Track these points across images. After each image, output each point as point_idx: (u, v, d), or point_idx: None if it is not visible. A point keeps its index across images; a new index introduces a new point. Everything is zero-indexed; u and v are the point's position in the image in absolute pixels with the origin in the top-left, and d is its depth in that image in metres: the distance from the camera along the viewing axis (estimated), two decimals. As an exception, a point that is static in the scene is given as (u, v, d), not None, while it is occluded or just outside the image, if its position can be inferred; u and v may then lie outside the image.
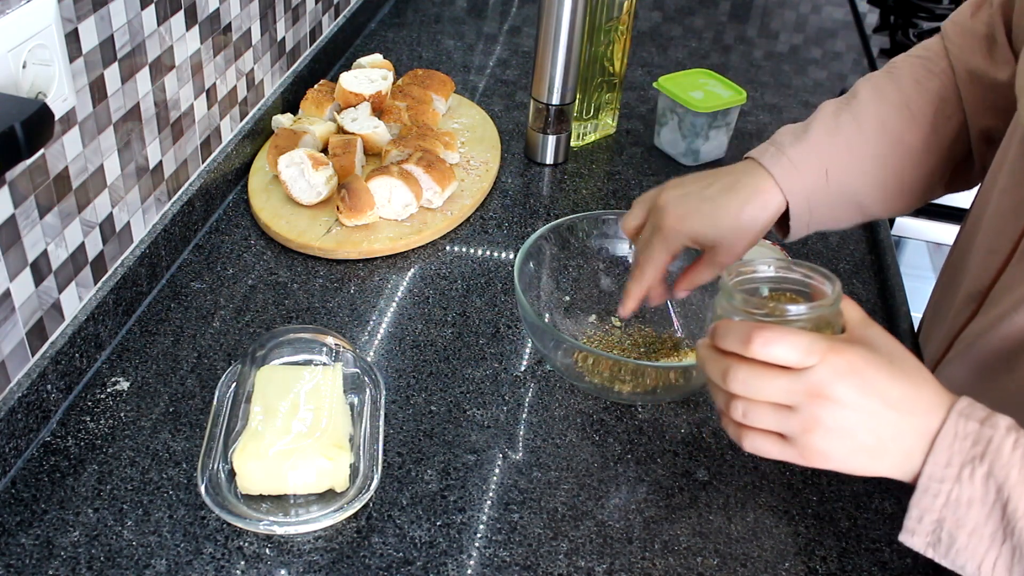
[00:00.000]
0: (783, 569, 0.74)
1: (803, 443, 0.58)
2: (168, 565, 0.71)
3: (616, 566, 0.74)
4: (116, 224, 0.91)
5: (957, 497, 0.57)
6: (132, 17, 0.87)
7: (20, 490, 0.76)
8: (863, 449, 0.58)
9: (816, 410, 0.56)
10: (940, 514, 0.58)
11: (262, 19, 1.17)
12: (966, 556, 0.58)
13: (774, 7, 1.85)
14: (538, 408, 0.87)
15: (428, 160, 1.09)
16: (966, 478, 0.56)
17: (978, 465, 0.56)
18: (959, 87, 0.82)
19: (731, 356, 0.58)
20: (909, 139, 0.82)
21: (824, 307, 0.59)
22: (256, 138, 1.18)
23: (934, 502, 0.58)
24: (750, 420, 0.59)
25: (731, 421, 0.60)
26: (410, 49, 1.54)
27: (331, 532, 0.74)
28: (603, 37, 1.21)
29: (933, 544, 0.59)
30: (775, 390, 0.57)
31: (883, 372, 0.57)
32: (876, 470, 0.59)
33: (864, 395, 0.56)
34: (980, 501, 0.56)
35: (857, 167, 0.82)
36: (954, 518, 0.57)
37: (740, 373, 0.57)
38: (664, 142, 1.29)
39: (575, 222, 0.95)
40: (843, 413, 0.56)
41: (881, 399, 0.56)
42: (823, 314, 0.59)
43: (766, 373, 0.57)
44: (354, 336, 0.94)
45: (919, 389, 0.58)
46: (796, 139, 0.81)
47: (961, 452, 0.56)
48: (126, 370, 0.88)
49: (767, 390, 0.57)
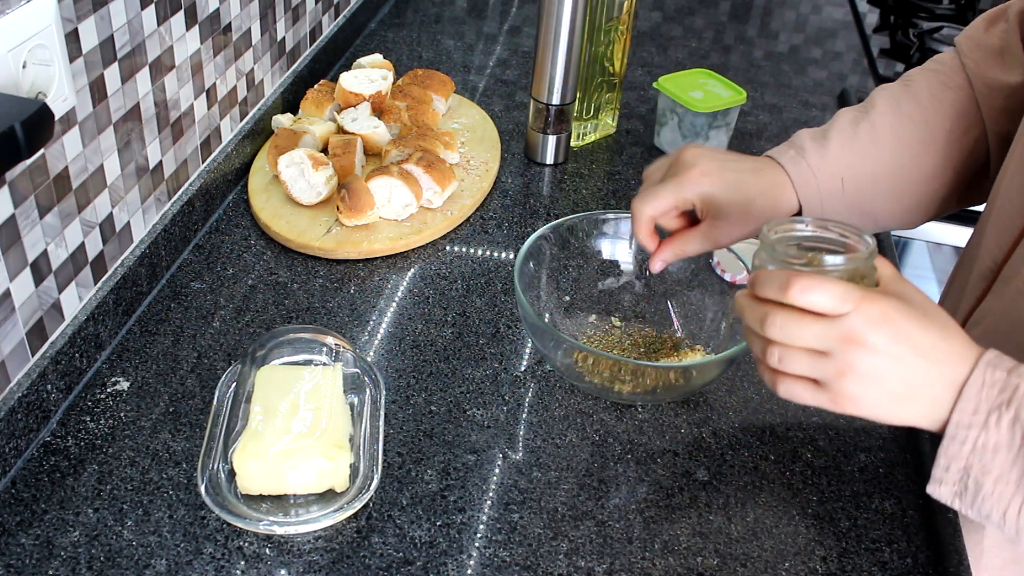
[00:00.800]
0: (783, 569, 0.74)
1: (836, 388, 0.60)
2: (168, 565, 0.71)
3: (616, 566, 0.74)
4: (116, 224, 0.91)
5: (984, 443, 0.58)
6: (132, 17, 0.87)
7: (20, 490, 0.76)
8: (893, 396, 0.59)
9: (849, 356, 0.58)
10: (967, 461, 0.59)
11: (262, 19, 1.17)
12: (992, 503, 0.59)
13: (774, 7, 1.85)
14: (538, 408, 0.87)
15: (428, 160, 1.09)
16: (992, 424, 0.58)
17: (1004, 411, 0.57)
18: (978, 99, 0.83)
19: (769, 304, 0.60)
20: (925, 154, 0.83)
21: (859, 259, 0.61)
22: (256, 138, 1.18)
23: (961, 449, 0.59)
24: (785, 366, 0.61)
25: (767, 368, 0.62)
26: (410, 49, 1.54)
27: (331, 532, 0.74)
28: (603, 37, 1.21)
29: (960, 493, 0.60)
30: (811, 336, 0.59)
31: (914, 322, 0.58)
32: (904, 417, 0.61)
33: (896, 343, 0.58)
34: (1006, 447, 0.58)
35: (872, 180, 0.83)
36: (980, 465, 0.59)
37: (777, 319, 0.59)
38: (664, 142, 1.29)
39: (575, 222, 0.95)
40: (875, 359, 0.58)
41: (912, 347, 0.58)
42: (858, 267, 0.61)
43: (802, 319, 0.59)
44: (354, 336, 0.94)
45: (949, 340, 0.59)
46: (815, 145, 0.82)
47: (988, 399, 0.58)
48: (126, 370, 0.88)
49: (803, 336, 0.59)
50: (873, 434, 0.87)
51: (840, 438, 0.86)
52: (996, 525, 0.61)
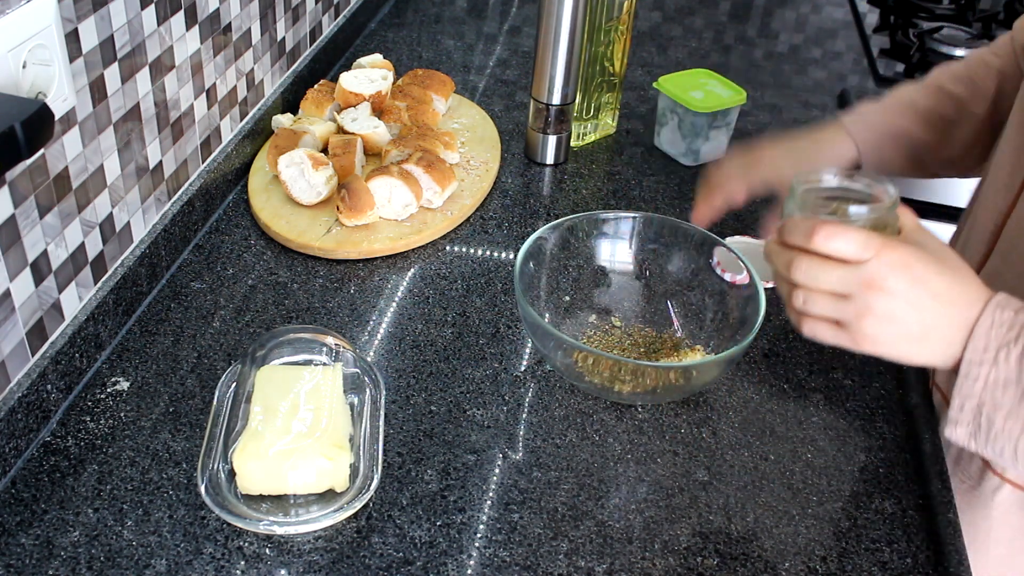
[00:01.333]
0: (783, 569, 0.74)
1: (856, 328, 0.64)
2: (168, 565, 0.71)
3: (616, 566, 0.74)
4: (116, 224, 0.91)
5: (995, 379, 0.62)
6: (132, 17, 0.87)
7: (20, 490, 0.76)
8: (909, 336, 0.64)
9: (869, 298, 0.62)
10: (979, 399, 0.63)
11: (262, 19, 1.17)
12: (1003, 439, 0.63)
13: (774, 7, 1.85)
14: (538, 408, 0.87)
15: (428, 160, 1.09)
16: (1002, 360, 0.62)
17: (1012, 347, 0.62)
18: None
19: (796, 250, 0.65)
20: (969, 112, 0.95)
21: (882, 209, 0.66)
22: (256, 138, 1.18)
23: (973, 387, 0.63)
24: (809, 308, 0.65)
25: (793, 309, 0.67)
26: (410, 49, 1.54)
27: (331, 532, 0.74)
28: (603, 37, 1.21)
29: (974, 433, 0.64)
30: (834, 279, 0.63)
31: (931, 268, 0.63)
32: (920, 357, 0.65)
33: (913, 287, 0.62)
34: (1015, 382, 0.61)
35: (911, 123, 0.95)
36: (992, 401, 0.62)
37: (803, 264, 0.64)
38: (664, 142, 1.29)
39: (575, 222, 0.95)
40: (893, 302, 0.62)
41: (928, 291, 0.62)
42: (881, 216, 0.66)
43: (826, 264, 0.63)
44: (354, 336, 0.94)
45: (963, 284, 0.64)
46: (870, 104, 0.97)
47: (997, 337, 0.62)
48: (126, 370, 0.88)
49: (826, 280, 0.64)
50: (873, 434, 0.87)
51: (840, 438, 0.86)
52: (1009, 462, 0.64)
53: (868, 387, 0.92)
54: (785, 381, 0.92)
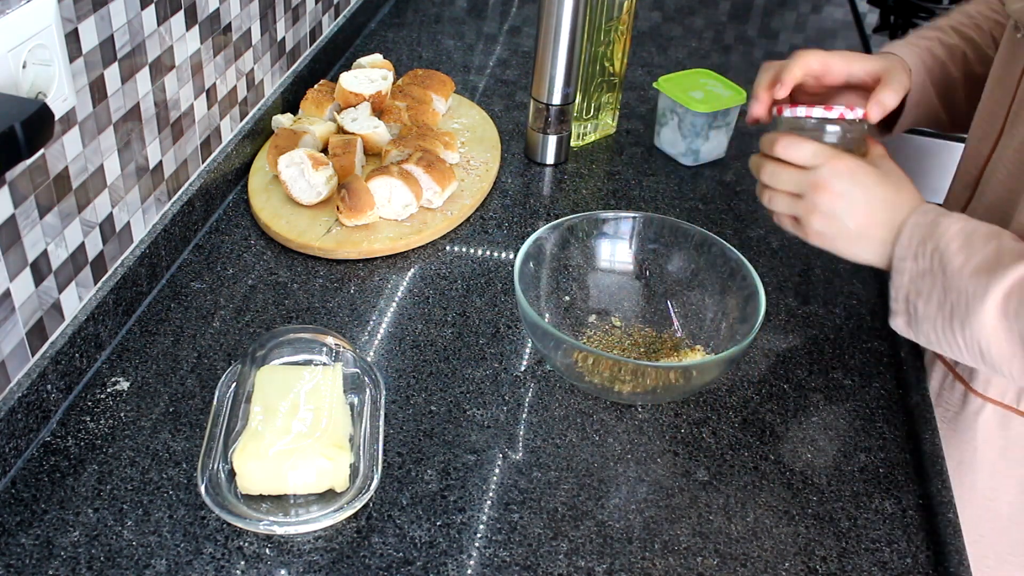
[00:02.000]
0: (783, 569, 0.74)
1: (806, 223, 0.78)
2: (168, 565, 0.71)
3: (616, 566, 0.74)
4: (116, 224, 0.91)
5: (916, 271, 0.73)
6: (132, 17, 0.87)
7: (20, 490, 0.76)
8: (849, 233, 0.76)
9: (816, 197, 0.76)
10: (907, 289, 0.74)
11: (262, 19, 1.17)
12: (927, 323, 0.74)
13: (774, 7, 1.85)
14: (538, 408, 0.87)
15: (428, 160, 1.09)
16: (921, 255, 0.73)
17: (928, 242, 0.72)
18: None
19: (768, 159, 0.79)
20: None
21: (848, 129, 0.78)
22: (256, 138, 1.18)
23: (902, 279, 0.74)
24: (773, 204, 0.80)
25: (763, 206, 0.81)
26: (410, 49, 1.54)
27: (331, 532, 0.74)
28: (603, 37, 1.21)
29: (909, 322, 0.75)
30: (789, 180, 0.78)
31: (872, 177, 0.75)
32: (861, 255, 0.77)
33: (852, 189, 0.75)
34: (930, 272, 0.72)
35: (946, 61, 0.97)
36: (916, 290, 0.73)
37: (768, 167, 0.79)
38: (664, 142, 1.29)
39: (575, 222, 0.95)
40: (836, 202, 0.75)
41: (866, 195, 0.75)
42: (850, 136, 0.78)
43: (785, 168, 0.78)
44: (354, 336, 0.94)
45: (899, 193, 0.76)
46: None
47: (918, 235, 0.73)
48: (126, 370, 0.88)
49: (784, 180, 0.78)
50: (873, 434, 0.87)
51: (840, 438, 0.86)
52: (938, 348, 0.75)
53: (868, 387, 0.92)
54: (785, 381, 0.92)
